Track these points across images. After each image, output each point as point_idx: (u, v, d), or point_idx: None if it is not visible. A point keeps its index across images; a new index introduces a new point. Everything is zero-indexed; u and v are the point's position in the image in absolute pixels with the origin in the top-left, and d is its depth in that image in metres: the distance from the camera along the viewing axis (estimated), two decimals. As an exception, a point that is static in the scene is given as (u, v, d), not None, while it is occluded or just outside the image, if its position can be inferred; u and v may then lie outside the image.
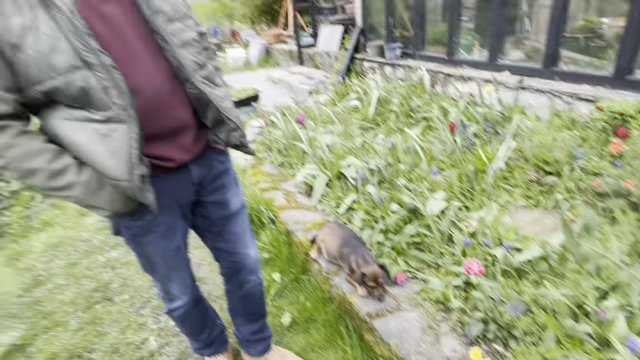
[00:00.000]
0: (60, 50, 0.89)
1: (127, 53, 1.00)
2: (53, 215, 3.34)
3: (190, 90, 1.12)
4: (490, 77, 3.66)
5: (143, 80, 1.02)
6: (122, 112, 0.97)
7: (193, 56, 1.12)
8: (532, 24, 3.95)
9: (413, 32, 4.77)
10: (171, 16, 1.07)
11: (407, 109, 3.97)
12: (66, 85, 0.92)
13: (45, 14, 0.88)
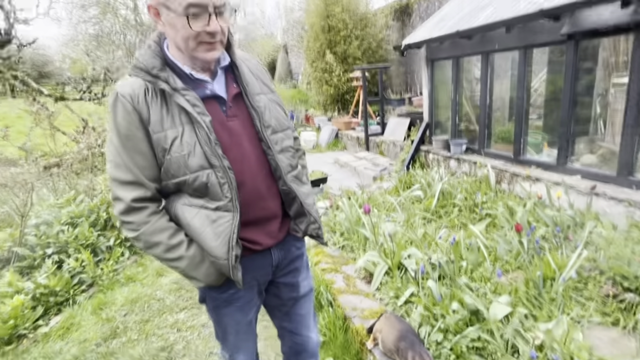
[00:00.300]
0: (195, 154, 1.16)
1: (240, 155, 1.24)
2: (136, 272, 3.73)
3: (282, 187, 1.33)
4: (559, 180, 3.63)
5: (247, 176, 1.25)
6: (229, 204, 1.21)
7: (288, 160, 1.34)
8: (605, 127, 3.95)
9: (479, 129, 4.96)
10: (275, 129, 1.32)
11: (471, 204, 4.00)
12: (194, 180, 1.17)
13: (189, 128, 1.16)
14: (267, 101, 1.33)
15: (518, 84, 4.23)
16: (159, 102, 1.17)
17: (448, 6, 5.78)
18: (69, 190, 4.28)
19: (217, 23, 1.12)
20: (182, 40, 1.13)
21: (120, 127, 1.15)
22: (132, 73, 1.17)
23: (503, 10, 4.04)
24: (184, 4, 1.06)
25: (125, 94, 1.15)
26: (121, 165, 1.18)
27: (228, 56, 1.28)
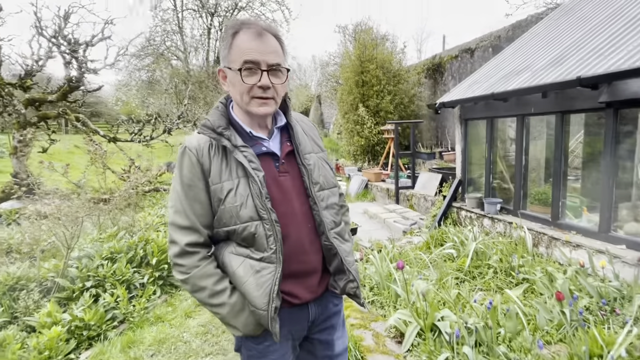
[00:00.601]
0: (246, 206, 1.23)
1: (287, 209, 1.30)
2: (165, 312, 3.78)
3: (325, 242, 1.36)
4: (602, 248, 3.49)
5: (293, 230, 1.30)
6: (273, 255, 1.25)
7: (332, 216, 1.39)
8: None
9: (514, 189, 4.91)
10: (323, 186, 1.38)
11: (507, 267, 3.87)
12: (243, 230, 1.24)
13: (244, 182, 1.25)
14: (317, 159, 1.41)
15: (555, 147, 4.22)
16: (220, 156, 1.28)
17: (483, 68, 5.98)
18: (112, 226, 4.50)
19: (267, 79, 1.22)
20: (239, 95, 1.26)
21: (185, 177, 1.27)
22: (200, 130, 1.30)
23: (540, 76, 4.15)
24: (241, 61, 1.21)
25: (192, 147, 1.28)
26: (180, 212, 1.28)
27: (285, 118, 1.41)
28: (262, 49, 1.22)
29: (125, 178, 4.97)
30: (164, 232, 4.69)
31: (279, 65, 1.25)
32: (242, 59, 1.21)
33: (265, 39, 1.23)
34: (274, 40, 1.26)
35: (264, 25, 1.25)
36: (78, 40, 4.53)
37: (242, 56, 1.21)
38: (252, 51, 1.21)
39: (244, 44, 1.21)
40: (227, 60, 1.26)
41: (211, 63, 15.46)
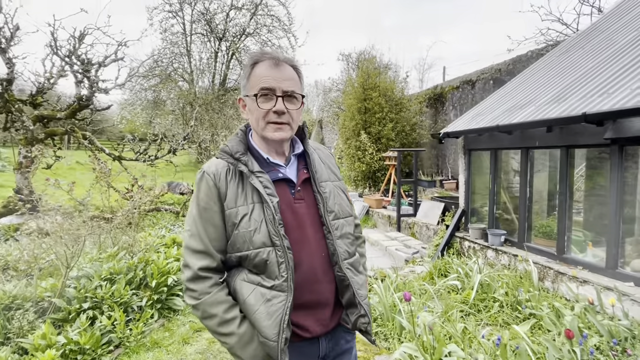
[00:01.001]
0: (260, 231, 1.23)
1: (300, 237, 1.29)
2: (162, 337, 3.67)
3: (338, 272, 1.33)
4: (610, 285, 3.44)
5: (305, 258, 1.29)
6: (284, 283, 1.23)
7: (346, 246, 1.37)
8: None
9: (518, 221, 4.89)
10: (338, 215, 1.38)
11: (513, 301, 3.80)
12: (255, 255, 1.24)
13: (259, 207, 1.26)
14: (333, 187, 1.42)
15: (560, 181, 4.24)
16: (236, 181, 1.29)
17: (487, 101, 6.08)
18: (112, 245, 4.44)
19: (282, 104, 1.26)
20: (255, 121, 1.29)
21: (201, 200, 1.28)
22: (219, 155, 1.33)
23: (544, 111, 4.22)
24: (258, 87, 1.25)
25: (210, 172, 1.30)
26: (195, 235, 1.28)
27: (302, 145, 1.43)
28: (277, 76, 1.26)
29: (128, 197, 4.94)
30: (165, 254, 4.62)
31: (293, 92, 1.28)
32: (258, 86, 1.26)
33: (282, 67, 1.28)
34: (291, 70, 1.30)
35: (282, 57, 1.30)
36: (91, 60, 4.63)
37: (259, 83, 1.26)
38: (268, 78, 1.25)
39: (261, 72, 1.27)
40: (246, 89, 1.31)
41: (217, 86, 15.73)
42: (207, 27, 15.51)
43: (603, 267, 3.72)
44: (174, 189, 9.50)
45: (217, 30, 15.58)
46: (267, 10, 15.45)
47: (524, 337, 2.91)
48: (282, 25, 15.33)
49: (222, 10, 15.35)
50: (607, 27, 5.71)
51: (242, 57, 16.35)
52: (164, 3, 14.62)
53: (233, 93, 15.90)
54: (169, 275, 4.20)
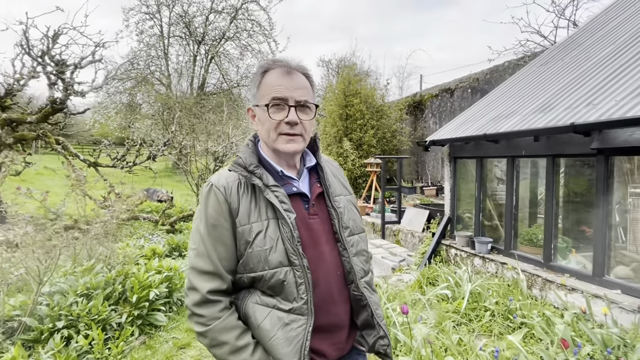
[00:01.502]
0: (276, 250, 1.15)
1: (317, 254, 1.21)
2: (144, 356, 3.44)
3: (354, 292, 1.26)
4: (598, 293, 3.50)
5: (322, 277, 1.21)
6: (304, 306, 1.14)
7: (362, 264, 1.30)
8: (625, 236, 3.91)
9: (505, 229, 4.94)
10: (353, 230, 1.31)
11: (504, 310, 3.81)
12: (271, 276, 1.14)
13: (274, 223, 1.17)
14: (346, 202, 1.35)
15: (546, 189, 4.31)
16: (249, 196, 1.20)
17: (470, 110, 6.17)
18: (88, 257, 4.17)
19: (295, 114, 1.19)
20: (266, 132, 1.22)
21: (210, 216, 1.18)
22: (232, 168, 1.24)
23: (530, 121, 4.29)
24: (269, 97, 1.18)
25: (220, 186, 1.20)
26: (203, 255, 1.17)
27: (314, 158, 1.35)
28: (290, 85, 1.19)
29: (105, 206, 4.68)
30: (145, 266, 4.39)
31: (306, 101, 1.21)
32: (270, 96, 1.19)
33: (294, 76, 1.21)
34: (303, 78, 1.24)
35: (294, 64, 1.23)
36: (66, 61, 4.37)
37: (270, 93, 1.19)
38: (280, 87, 1.19)
39: (273, 81, 1.20)
40: (255, 99, 1.24)
41: (195, 90, 15.39)
42: (186, 30, 15.20)
43: (590, 275, 3.78)
44: (152, 195, 9.15)
45: (196, 34, 15.29)
46: (247, 15, 15.32)
47: (520, 349, 2.90)
48: (262, 30, 15.22)
49: (202, 13, 15.10)
50: (583, 41, 5.92)
51: (221, 61, 16.10)
52: (140, 4, 14.23)
53: (212, 97, 15.61)
54: (150, 289, 3.97)
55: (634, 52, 4.34)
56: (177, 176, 13.41)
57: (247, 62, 16.73)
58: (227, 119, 8.34)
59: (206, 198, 1.21)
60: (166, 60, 15.06)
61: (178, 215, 7.16)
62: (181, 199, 10.12)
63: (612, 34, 5.39)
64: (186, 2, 14.67)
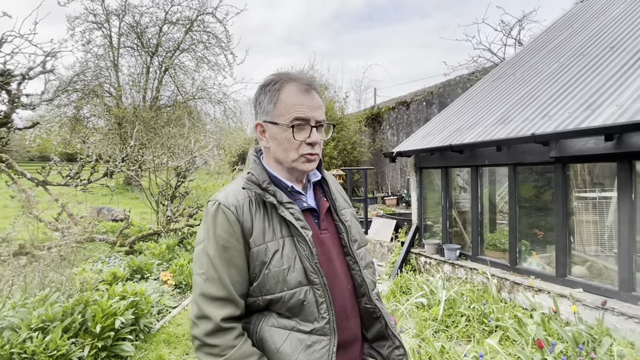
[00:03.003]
0: (294, 269, 1.10)
1: (330, 270, 1.18)
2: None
3: (366, 305, 1.24)
4: (563, 292, 3.72)
5: (337, 292, 1.17)
6: (326, 326, 1.11)
7: (371, 276, 1.29)
8: (573, 238, 4.22)
9: (472, 236, 5.15)
10: (360, 244, 1.30)
11: (479, 314, 3.93)
12: (290, 297, 1.09)
13: (290, 242, 1.13)
14: (351, 215, 1.34)
15: (509, 196, 4.56)
16: (262, 214, 1.16)
17: (432, 122, 6.43)
18: (41, 287, 3.77)
19: (316, 135, 1.17)
20: (284, 151, 1.18)
21: (219, 238, 1.11)
22: (246, 186, 1.17)
23: (492, 132, 4.53)
24: (291, 117, 1.14)
25: (230, 205, 1.14)
26: (214, 280, 1.10)
27: (319, 173, 1.33)
28: (311, 105, 1.16)
29: (57, 228, 4.29)
30: (107, 292, 4.05)
31: (324, 121, 1.20)
32: (292, 115, 1.14)
33: (313, 95, 1.19)
34: (318, 97, 1.22)
35: (309, 81, 1.20)
36: (12, 71, 3.98)
37: (292, 112, 1.15)
38: (302, 107, 1.15)
39: (293, 100, 1.16)
40: (271, 115, 1.18)
41: (149, 102, 14.74)
42: (138, 40, 14.59)
43: (554, 276, 4.02)
44: (107, 215, 8.56)
45: (149, 45, 14.71)
46: (203, 27, 14.99)
47: (499, 352, 2.99)
48: (219, 42, 14.95)
49: (155, 24, 14.57)
50: (529, 58, 6.42)
51: (176, 73, 15.59)
52: (87, 13, 13.48)
53: (166, 110, 15.03)
54: (115, 316, 3.66)
55: (577, 69, 4.76)
56: (131, 193, 12.67)
57: (204, 74, 16.32)
58: (188, 132, 8.05)
59: (214, 218, 1.14)
60: (116, 71, 14.30)
61: (137, 235, 6.73)
62: (138, 218, 9.54)
63: (555, 52, 5.90)
64: (138, 12, 14.10)
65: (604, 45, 4.94)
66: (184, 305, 4.83)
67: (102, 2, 13.62)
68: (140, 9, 14.12)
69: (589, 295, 3.62)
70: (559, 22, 7.34)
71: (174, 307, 4.77)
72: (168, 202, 6.74)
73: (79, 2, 14.58)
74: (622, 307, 3.31)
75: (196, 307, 1.11)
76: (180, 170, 6.59)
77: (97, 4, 13.56)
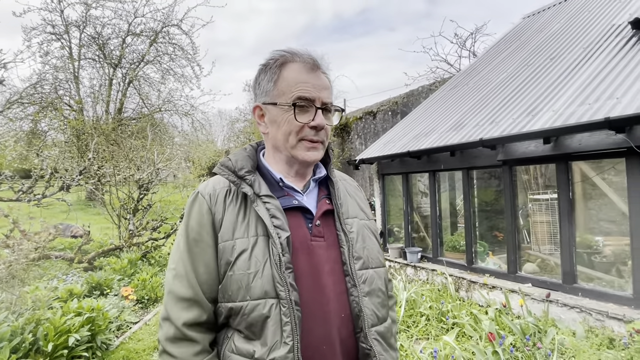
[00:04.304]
0: (262, 275, 0.92)
1: (315, 287, 0.97)
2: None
3: (362, 343, 0.98)
4: (514, 288, 3.92)
5: (319, 319, 0.96)
6: (289, 356, 0.89)
7: (375, 307, 1.03)
8: (529, 236, 4.48)
9: (431, 238, 5.33)
10: (366, 263, 1.05)
11: (437, 313, 4.07)
12: (251, 310, 0.91)
13: (263, 242, 0.95)
14: (361, 227, 1.10)
15: (464, 199, 4.78)
16: (237, 206, 1.00)
17: (393, 130, 6.66)
18: (-12, 306, 3.59)
19: (322, 118, 1.00)
20: (284, 136, 1.01)
21: (191, 229, 1.00)
22: (218, 170, 1.05)
23: (446, 138, 4.76)
24: (293, 96, 0.99)
25: (206, 193, 1.02)
26: (182, 277, 0.97)
27: (324, 169, 1.13)
28: (316, 84, 1.01)
29: (7, 245, 4.10)
30: (62, 309, 3.90)
31: (332, 104, 1.05)
32: (294, 94, 0.99)
33: (319, 74, 1.03)
34: (326, 77, 1.06)
35: (317, 57, 1.04)
36: (-43, 82, 3.80)
37: (294, 91, 0.99)
38: (306, 86, 0.99)
39: (297, 77, 1.00)
40: (270, 95, 1.02)
41: (112, 115, 14.34)
42: (100, 52, 14.23)
43: (506, 273, 4.23)
44: (65, 231, 8.20)
45: (111, 56, 14.38)
46: (168, 39, 14.83)
47: (455, 347, 3.12)
48: (185, 54, 14.83)
49: (118, 35, 14.28)
50: (482, 69, 6.80)
51: (141, 85, 15.28)
52: (44, 24, 13.05)
53: (131, 123, 14.68)
54: (69, 334, 3.53)
55: (522, 78, 5.10)
56: (93, 209, 12.21)
57: (170, 86, 16.09)
58: (151, 144, 7.91)
59: (190, 208, 1.02)
60: (77, 83, 13.84)
61: (97, 250, 6.50)
62: (100, 233, 9.21)
63: (504, 63, 6.28)
64: (99, 23, 13.80)
65: (545, 57, 5.32)
66: (146, 320, 4.71)
67: (61, 14, 13.26)
68: (102, 20, 13.84)
69: (537, 290, 3.84)
70: (509, 35, 7.83)
71: (135, 323, 4.64)
72: (130, 216, 6.57)
73: (36, 13, 14.12)
74: (565, 298, 3.53)
75: (163, 307, 1.00)
76: (143, 182, 6.46)
77: (56, 14, 13.18)
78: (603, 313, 3.18)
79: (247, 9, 62.49)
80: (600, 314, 3.20)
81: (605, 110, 3.18)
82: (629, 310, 3.13)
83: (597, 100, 3.44)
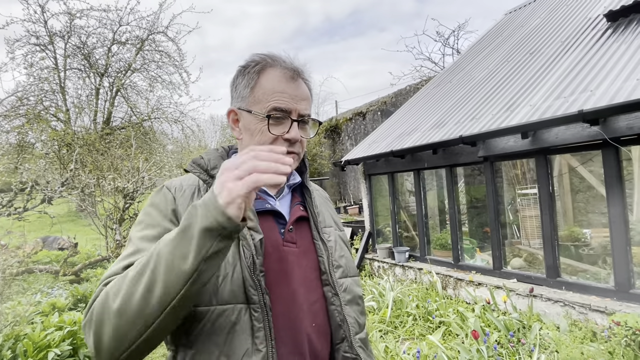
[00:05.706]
0: (232, 279, 0.87)
1: (286, 294, 0.93)
2: None
3: (346, 354, 0.95)
4: (499, 284, 3.91)
5: (289, 329, 0.91)
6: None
7: (356, 316, 1.01)
8: (519, 232, 4.48)
9: (418, 237, 5.31)
10: (345, 271, 1.03)
11: (424, 312, 4.05)
12: (217, 316, 0.84)
13: (234, 244, 0.88)
14: (337, 237, 1.09)
15: (448, 197, 4.77)
16: None
17: (379, 130, 6.65)
18: (-36, 324, 3.52)
19: (297, 131, 0.96)
20: (257, 145, 0.91)
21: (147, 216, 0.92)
22: (190, 168, 1.01)
23: (428, 136, 4.75)
24: (269, 107, 0.94)
25: (172, 186, 0.97)
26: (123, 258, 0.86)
27: (298, 176, 1.09)
28: (295, 95, 0.96)
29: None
30: (42, 324, 3.83)
31: (309, 117, 1.00)
32: (270, 105, 0.94)
33: (299, 83, 0.99)
34: (306, 87, 1.02)
35: (298, 66, 1.00)
36: None
37: (270, 100, 0.95)
38: (284, 96, 0.95)
39: (274, 86, 0.96)
40: (246, 102, 0.98)
41: (99, 124, 14.23)
42: (85, 61, 14.13)
43: (492, 269, 4.22)
44: (51, 244, 8.11)
45: (97, 66, 14.28)
46: (155, 46, 14.76)
47: (438, 346, 3.09)
48: (172, 61, 14.76)
49: (103, 44, 14.20)
50: (465, 65, 6.81)
51: (128, 94, 15.19)
52: (28, 35, 12.94)
53: (120, 132, 14.57)
54: (49, 349, 3.47)
55: (502, 74, 5.11)
56: (82, 220, 12.10)
57: (158, 93, 16.01)
58: (135, 152, 7.84)
59: (152, 199, 0.96)
60: (63, 94, 13.72)
61: (84, 262, 6.43)
62: (88, 244, 9.11)
63: (486, 59, 6.30)
64: (84, 32, 13.70)
65: (525, 52, 5.33)
66: (132, 331, 4.63)
67: (44, 24, 13.15)
68: (87, 29, 13.74)
69: (522, 285, 3.82)
70: (492, 31, 7.86)
71: (121, 334, 4.56)
72: (117, 226, 6.50)
73: (20, 25, 13.99)
74: (549, 292, 3.52)
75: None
76: (127, 191, 6.39)
77: (40, 25, 13.08)
78: (586, 306, 3.17)
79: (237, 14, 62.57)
80: (583, 307, 3.19)
81: (579, 103, 3.18)
82: (611, 302, 3.12)
83: (572, 94, 3.44)
